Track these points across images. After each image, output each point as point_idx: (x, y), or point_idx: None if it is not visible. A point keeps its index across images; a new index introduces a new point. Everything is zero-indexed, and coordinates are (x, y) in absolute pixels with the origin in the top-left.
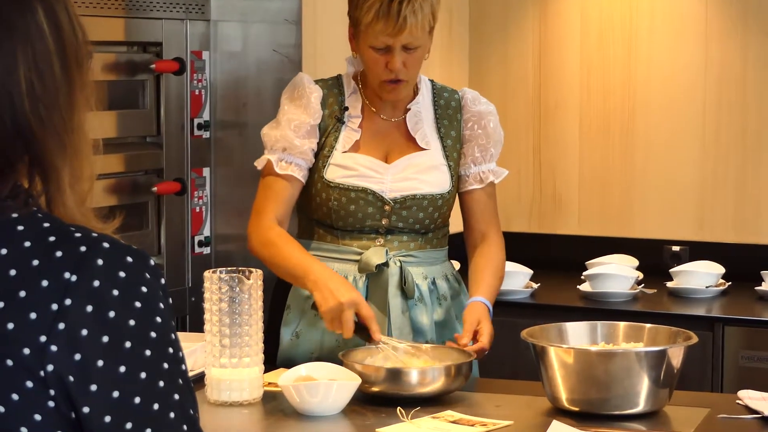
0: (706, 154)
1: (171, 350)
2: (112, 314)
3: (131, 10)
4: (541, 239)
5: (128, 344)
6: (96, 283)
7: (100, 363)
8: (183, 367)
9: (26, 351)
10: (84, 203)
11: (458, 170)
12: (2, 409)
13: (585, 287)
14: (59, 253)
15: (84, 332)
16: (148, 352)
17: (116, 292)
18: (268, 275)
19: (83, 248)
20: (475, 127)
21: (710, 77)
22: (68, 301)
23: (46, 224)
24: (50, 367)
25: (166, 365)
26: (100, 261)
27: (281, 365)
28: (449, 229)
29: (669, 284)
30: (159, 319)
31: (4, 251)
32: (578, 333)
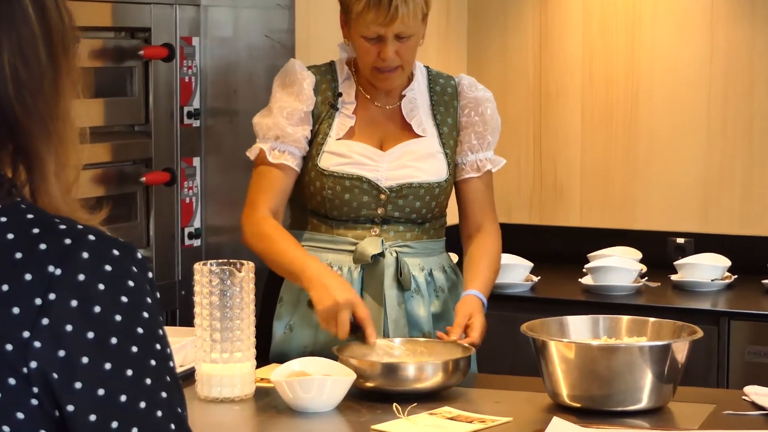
0: (712, 143)
1: (158, 346)
2: (98, 309)
3: None
4: (542, 231)
5: (114, 340)
6: (81, 277)
7: (85, 360)
8: (171, 364)
9: (8, 347)
10: (70, 193)
11: (455, 158)
12: None
13: (587, 280)
14: (43, 246)
15: (68, 328)
16: (135, 349)
17: (102, 287)
18: (261, 267)
19: (68, 241)
20: (472, 114)
21: (716, 65)
22: (52, 296)
23: (30, 215)
24: (33, 364)
25: (154, 362)
26: (86, 254)
27: (274, 360)
28: (446, 220)
29: (673, 277)
30: (146, 315)
31: None
32: (580, 327)
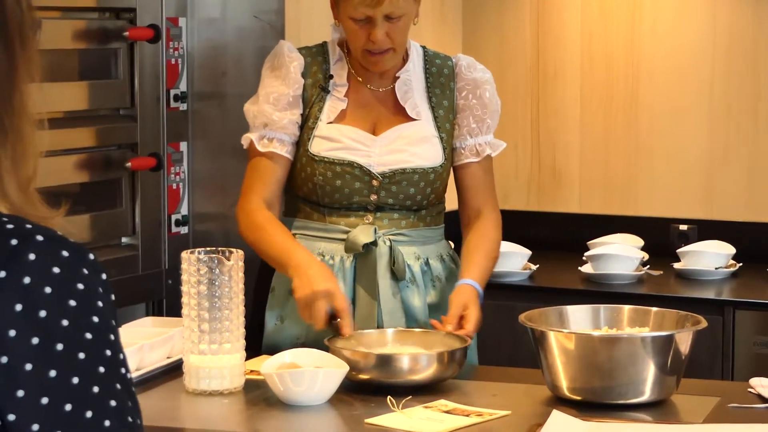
0: (716, 126)
1: (108, 352)
2: (44, 314)
3: None
4: (540, 217)
5: (60, 346)
6: (27, 280)
7: (29, 367)
8: (122, 371)
9: None
10: (29, 188)
11: (451, 142)
12: None
13: (587, 269)
14: None
15: (11, 333)
16: (82, 355)
17: (49, 290)
18: (252, 257)
19: (14, 241)
20: (470, 97)
21: (719, 43)
22: None
23: None
24: None
25: (102, 369)
26: (32, 255)
27: (266, 352)
28: (445, 206)
29: (676, 265)
30: (96, 319)
31: None
32: (580, 317)
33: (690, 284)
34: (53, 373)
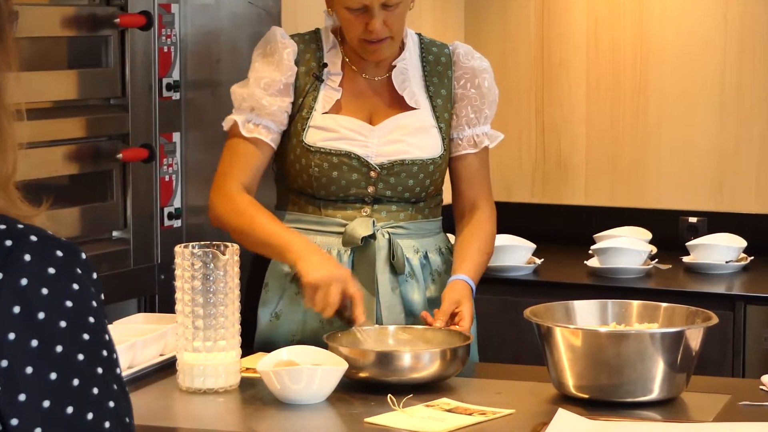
0: (727, 115)
1: (105, 353)
2: (42, 315)
3: None
4: (545, 210)
5: (59, 348)
6: (24, 282)
7: (29, 370)
8: (117, 371)
9: None
10: (8, 186)
11: (450, 132)
12: None
13: (593, 263)
14: None
15: (11, 336)
16: (81, 356)
17: (45, 291)
18: (244, 250)
19: (9, 242)
20: (468, 86)
21: (731, 29)
22: None
23: None
24: None
25: (100, 370)
26: (28, 257)
27: (259, 349)
28: (443, 198)
29: (685, 259)
30: (92, 320)
31: None
32: (587, 312)
33: (700, 278)
34: (54, 376)
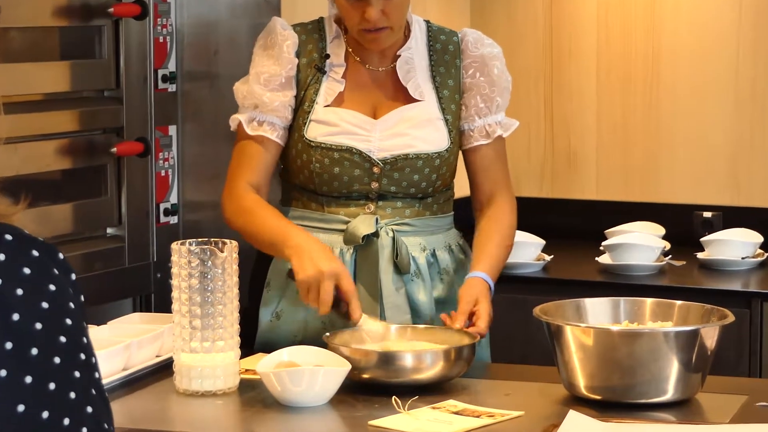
0: (742, 106)
1: (83, 356)
2: (16, 317)
3: None
4: (554, 204)
5: (35, 351)
6: None
7: (3, 373)
8: (96, 375)
9: None
10: None
11: (458, 124)
12: None
13: (604, 259)
14: None
15: None
16: (57, 360)
17: (20, 292)
18: (246, 248)
19: None
20: (477, 75)
21: (746, 16)
22: None
23: None
24: None
25: (78, 374)
26: (2, 256)
27: (259, 350)
28: (454, 192)
29: (700, 255)
30: (69, 321)
31: None
32: (598, 310)
33: (715, 275)
34: (29, 379)
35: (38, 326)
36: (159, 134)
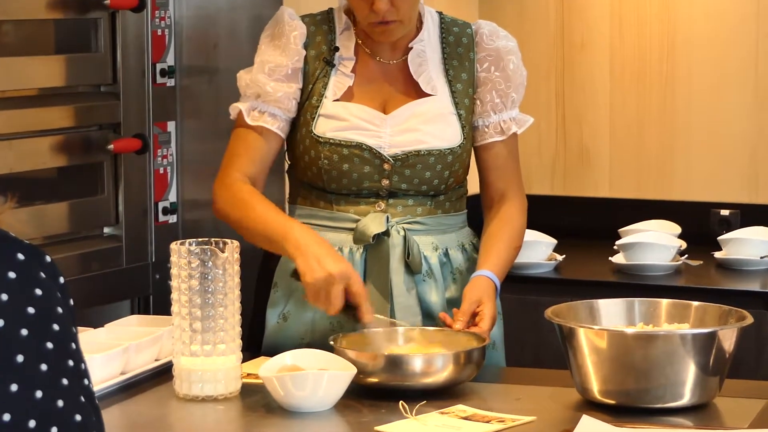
0: (762, 101)
1: (71, 363)
2: (1, 323)
3: None
4: (567, 202)
5: (20, 358)
6: None
7: None
8: (85, 382)
9: None
10: None
11: (470, 120)
12: None
13: (618, 259)
14: None
15: None
16: (44, 367)
17: (5, 297)
18: (251, 248)
19: None
20: (492, 69)
21: (764, 9)
22: None
23: None
24: None
25: (66, 381)
26: None
27: (266, 353)
28: (467, 190)
29: (717, 254)
30: (56, 327)
31: None
32: (612, 312)
33: (732, 275)
34: (15, 388)
35: (24, 332)
36: (157, 130)
